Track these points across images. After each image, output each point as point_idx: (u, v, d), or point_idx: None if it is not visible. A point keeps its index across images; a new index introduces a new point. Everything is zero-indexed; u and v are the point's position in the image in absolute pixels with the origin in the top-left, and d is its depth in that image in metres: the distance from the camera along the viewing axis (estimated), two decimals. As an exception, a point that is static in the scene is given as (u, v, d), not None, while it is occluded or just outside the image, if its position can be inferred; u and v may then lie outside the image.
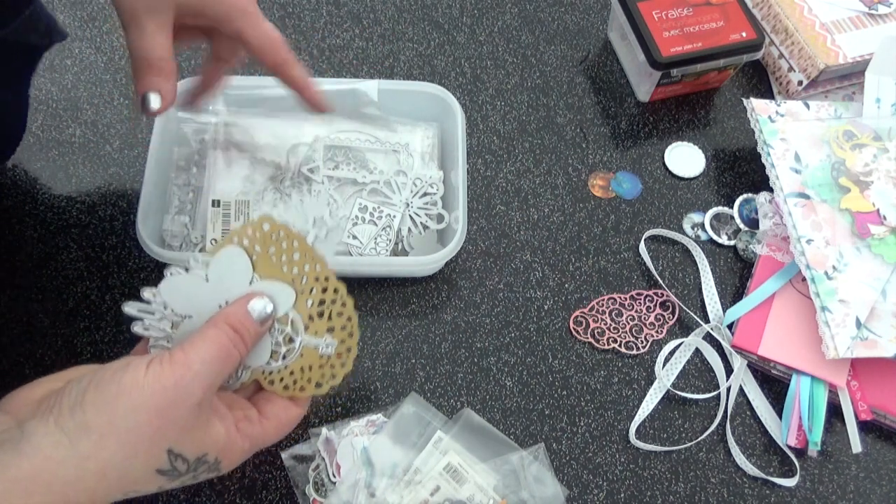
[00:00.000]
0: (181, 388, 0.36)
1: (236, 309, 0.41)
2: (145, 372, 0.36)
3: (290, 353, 0.44)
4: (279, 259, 0.44)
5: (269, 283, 0.44)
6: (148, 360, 0.37)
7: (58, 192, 0.67)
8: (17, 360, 0.60)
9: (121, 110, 0.71)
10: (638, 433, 0.60)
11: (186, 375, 0.36)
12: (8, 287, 0.62)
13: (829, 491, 0.59)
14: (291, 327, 0.44)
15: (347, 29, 0.78)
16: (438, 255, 0.59)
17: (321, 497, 0.55)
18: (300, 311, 0.45)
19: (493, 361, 0.63)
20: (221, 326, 0.40)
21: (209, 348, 0.38)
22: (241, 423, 0.41)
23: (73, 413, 0.34)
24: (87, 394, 0.35)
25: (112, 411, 0.34)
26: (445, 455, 0.56)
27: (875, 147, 0.66)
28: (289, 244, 0.44)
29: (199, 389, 0.37)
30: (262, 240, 0.44)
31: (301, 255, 0.44)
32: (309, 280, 0.45)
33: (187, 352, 0.37)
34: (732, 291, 0.67)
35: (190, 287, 0.43)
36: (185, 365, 0.37)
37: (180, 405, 0.36)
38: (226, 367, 0.39)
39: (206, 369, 0.37)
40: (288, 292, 0.44)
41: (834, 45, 0.72)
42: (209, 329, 0.39)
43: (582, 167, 0.72)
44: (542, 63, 0.78)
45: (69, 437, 0.34)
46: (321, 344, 0.45)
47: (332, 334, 0.45)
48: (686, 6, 0.71)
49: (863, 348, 0.58)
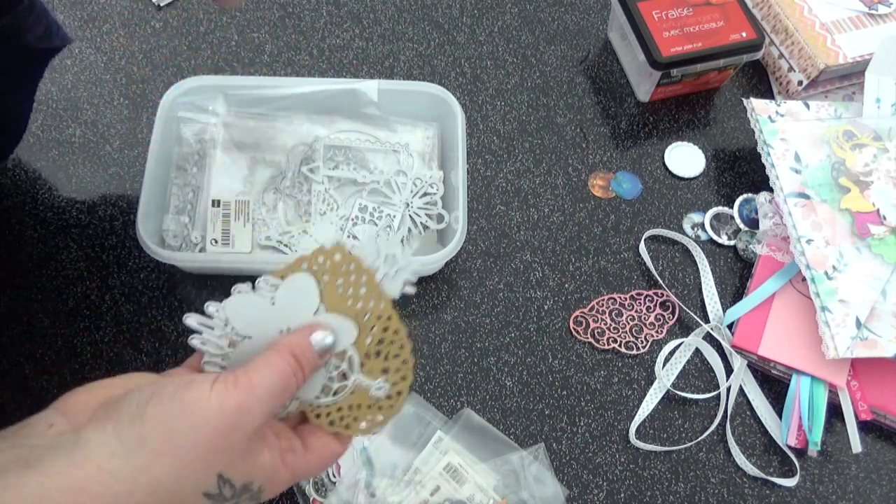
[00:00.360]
0: (244, 412, 0.35)
1: (299, 338, 0.41)
2: (210, 392, 0.35)
3: (342, 391, 0.43)
4: (345, 291, 0.43)
5: (333, 316, 0.43)
6: (212, 379, 0.36)
7: (58, 192, 0.67)
8: (17, 360, 0.60)
9: (121, 110, 0.71)
10: (638, 433, 0.60)
11: (250, 401, 0.36)
12: (8, 287, 0.62)
13: (829, 491, 0.59)
14: (347, 364, 0.43)
15: (347, 29, 0.78)
16: (438, 255, 0.59)
17: (321, 497, 0.55)
18: (359, 348, 0.44)
19: (493, 361, 0.63)
20: (284, 354, 0.39)
21: (272, 375, 0.37)
22: (287, 454, 0.40)
23: (133, 424, 0.34)
24: (148, 406, 0.34)
25: (172, 427, 0.34)
26: (445, 455, 0.56)
27: (875, 147, 0.66)
28: (357, 277, 0.43)
29: (259, 416, 0.36)
30: (332, 269, 0.44)
31: (368, 290, 0.44)
32: (372, 317, 0.44)
33: (251, 376, 0.37)
34: (732, 291, 0.67)
35: (255, 308, 0.43)
36: (250, 390, 0.36)
37: (240, 430, 0.35)
38: (284, 395, 0.38)
39: (267, 395, 0.37)
40: (350, 328, 0.43)
41: (834, 45, 0.72)
42: (273, 356, 0.39)
43: (582, 167, 0.72)
44: (542, 63, 0.78)
45: (125, 447, 0.33)
46: (374, 386, 0.44)
47: (386, 376, 0.44)
48: (686, 6, 0.71)
49: (863, 348, 0.58)
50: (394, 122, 0.68)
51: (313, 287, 0.43)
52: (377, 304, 0.44)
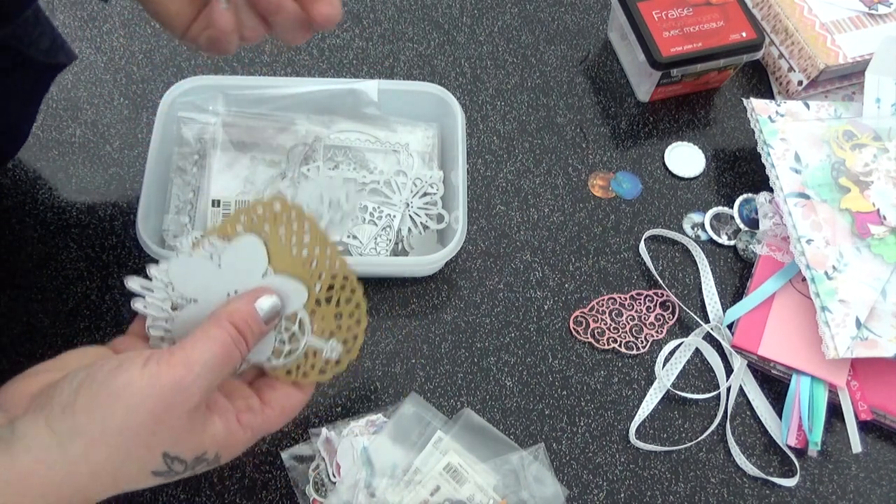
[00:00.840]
0: (179, 390, 0.35)
1: (242, 306, 0.40)
2: (141, 372, 0.34)
3: (293, 353, 0.43)
4: (289, 240, 0.42)
5: (282, 278, 0.42)
6: (145, 357, 0.35)
7: (58, 192, 0.67)
8: (16, 360, 0.60)
9: (121, 110, 0.71)
10: (638, 433, 0.60)
11: (187, 378, 0.35)
12: (8, 287, 0.62)
13: (829, 491, 0.59)
14: (298, 327, 0.43)
15: (347, 29, 0.78)
16: (438, 255, 0.59)
17: (321, 497, 0.55)
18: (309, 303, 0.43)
19: (493, 361, 0.63)
20: (225, 325, 0.38)
21: (211, 348, 0.36)
22: (243, 414, 0.40)
23: (65, 415, 0.33)
24: (79, 395, 0.34)
25: (104, 415, 0.33)
26: (445, 455, 0.56)
27: (875, 147, 0.66)
28: (299, 226, 0.42)
29: (197, 392, 0.35)
30: (273, 219, 0.42)
31: (312, 238, 0.43)
32: (319, 264, 0.43)
33: (188, 351, 0.36)
34: (732, 291, 0.67)
35: (200, 270, 0.41)
36: (186, 366, 0.35)
37: (177, 408, 0.35)
38: (226, 367, 0.38)
39: (206, 371, 0.36)
40: (300, 291, 0.42)
41: (834, 45, 0.72)
42: (212, 327, 0.38)
43: (582, 167, 0.72)
44: (542, 63, 0.78)
45: (59, 439, 0.33)
46: (326, 347, 0.43)
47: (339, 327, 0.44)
48: (686, 6, 0.71)
49: (863, 348, 0.58)
50: (394, 122, 0.68)
51: (261, 249, 0.42)
52: (323, 250, 0.42)
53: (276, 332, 0.42)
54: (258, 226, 0.42)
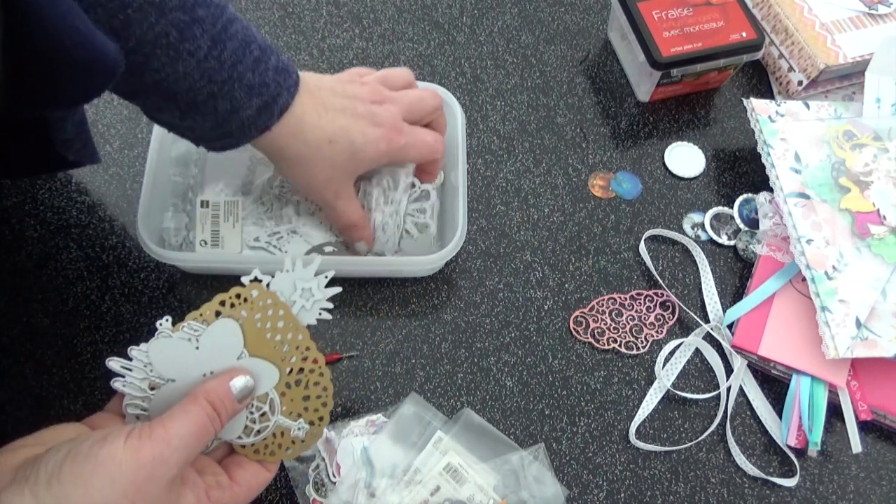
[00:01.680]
0: (158, 464, 0.37)
1: (218, 385, 0.42)
2: (123, 447, 0.36)
3: (264, 431, 0.45)
4: (264, 325, 0.46)
5: (255, 361, 0.45)
6: (126, 432, 0.37)
7: (58, 192, 0.67)
8: (16, 360, 0.60)
9: (121, 110, 0.71)
10: (638, 433, 0.60)
11: (165, 452, 0.37)
12: (8, 287, 0.62)
13: (829, 491, 0.59)
14: (269, 406, 0.45)
15: (347, 29, 0.78)
16: (438, 255, 0.59)
17: (321, 497, 0.55)
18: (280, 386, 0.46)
19: (493, 361, 0.63)
20: (202, 402, 0.41)
21: (188, 425, 0.39)
22: (212, 490, 0.42)
23: (50, 485, 0.35)
24: (63, 466, 0.35)
25: (87, 485, 0.35)
26: (445, 455, 0.56)
27: (875, 147, 0.66)
28: (274, 312, 0.46)
29: (175, 466, 0.38)
30: (250, 305, 0.46)
31: (285, 323, 0.46)
32: (290, 349, 0.46)
33: (167, 427, 0.38)
34: (732, 291, 0.67)
35: (179, 351, 0.44)
36: (165, 440, 0.38)
37: (156, 481, 0.37)
38: (201, 442, 0.40)
39: (183, 445, 0.38)
40: (272, 372, 0.45)
41: (834, 45, 0.72)
42: (190, 404, 0.40)
43: (582, 167, 0.72)
44: (542, 63, 0.78)
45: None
46: (294, 427, 0.46)
47: (304, 415, 0.47)
48: (686, 6, 0.71)
49: (863, 348, 0.58)
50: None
51: (237, 333, 0.45)
52: (294, 335, 0.46)
53: (247, 412, 0.45)
54: (236, 311, 0.46)
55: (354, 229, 0.59)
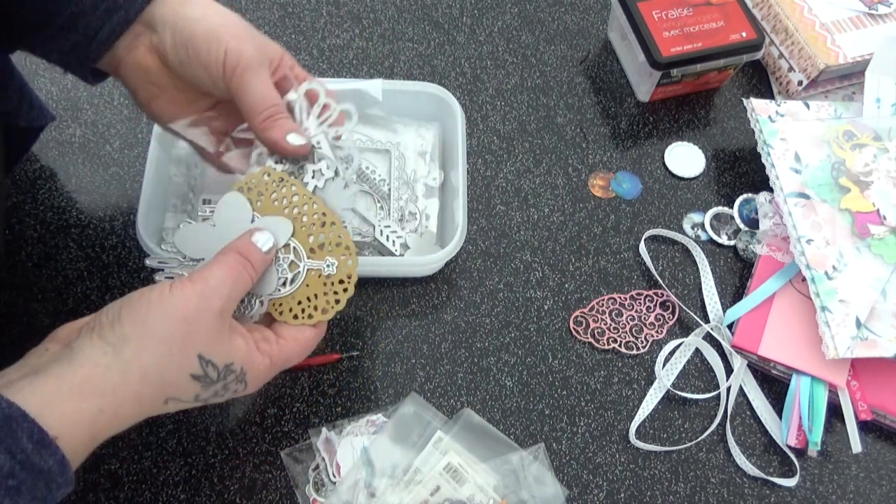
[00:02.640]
0: (203, 298, 0.41)
1: (240, 241, 0.46)
2: (170, 288, 0.41)
3: (297, 278, 0.48)
4: (280, 202, 0.49)
5: (267, 218, 0.48)
6: (170, 281, 0.42)
7: (58, 192, 0.67)
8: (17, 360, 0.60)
9: (121, 110, 0.71)
10: (638, 433, 0.60)
11: (206, 289, 0.41)
12: (8, 287, 0.62)
13: (829, 491, 0.59)
14: (294, 254, 0.48)
15: (347, 29, 0.78)
16: (438, 255, 0.59)
17: (321, 497, 0.55)
18: (301, 241, 0.49)
19: (493, 361, 0.63)
20: (230, 253, 0.44)
21: (222, 268, 0.43)
22: (261, 343, 0.45)
23: (113, 327, 0.39)
24: (122, 311, 0.40)
25: (145, 321, 0.40)
26: (445, 455, 0.56)
27: (875, 147, 0.66)
28: (288, 189, 0.49)
29: (217, 300, 0.42)
30: (265, 186, 0.49)
31: (300, 196, 0.49)
32: (309, 217, 0.49)
33: (204, 273, 0.42)
34: (732, 291, 0.67)
35: (199, 233, 0.48)
36: (204, 280, 0.42)
37: (204, 313, 0.41)
38: (239, 285, 0.43)
39: (221, 283, 0.42)
40: (285, 224, 0.48)
41: (834, 45, 0.72)
42: (220, 257, 0.44)
43: (582, 167, 0.72)
44: (542, 63, 0.78)
45: (112, 346, 0.39)
46: (323, 265, 0.48)
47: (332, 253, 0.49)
48: (686, 6, 0.71)
49: (863, 348, 0.58)
50: (395, 122, 0.68)
51: (244, 202, 0.49)
52: (310, 205, 0.49)
53: (276, 265, 0.48)
54: (253, 194, 0.49)
55: (280, 115, 0.49)
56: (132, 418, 0.40)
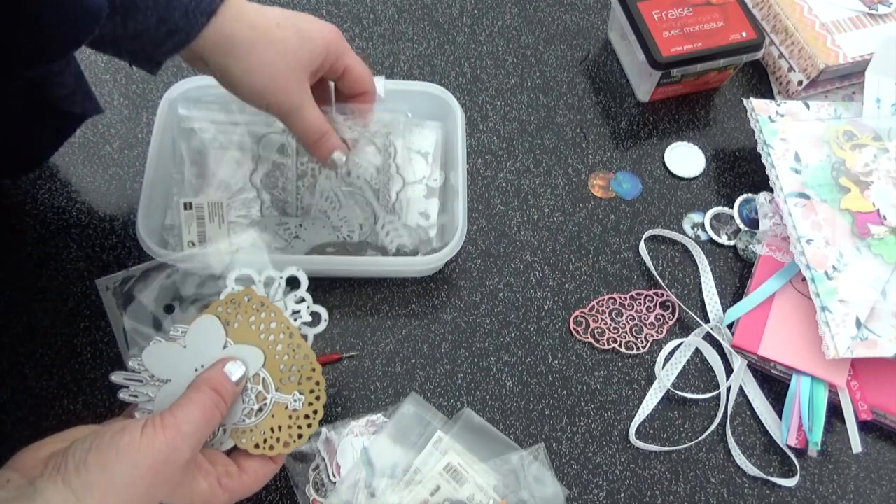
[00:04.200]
0: (172, 449, 0.41)
1: (214, 372, 0.47)
2: (140, 435, 0.41)
3: (264, 409, 0.49)
4: (258, 327, 0.50)
5: (239, 347, 0.49)
6: (142, 423, 0.42)
7: (58, 192, 0.67)
8: (16, 360, 0.60)
9: (121, 110, 0.71)
10: (638, 433, 0.60)
11: (177, 438, 0.41)
12: (8, 287, 0.62)
13: (829, 491, 0.59)
14: (263, 385, 0.49)
15: (347, 29, 0.78)
16: (438, 255, 0.59)
17: (321, 497, 0.55)
18: (272, 374, 0.49)
19: (493, 361, 0.63)
20: (204, 390, 0.45)
21: (195, 411, 0.43)
22: (223, 478, 0.46)
23: (79, 472, 0.39)
24: (89, 455, 0.40)
25: (112, 470, 0.39)
26: (445, 455, 0.56)
27: (875, 147, 0.66)
28: (267, 314, 0.50)
29: (187, 450, 0.42)
30: (245, 309, 0.50)
31: (277, 324, 0.50)
32: (283, 347, 0.50)
33: (176, 415, 0.42)
34: (732, 291, 0.67)
35: (169, 354, 0.48)
36: (175, 427, 0.42)
37: (171, 464, 0.41)
38: (210, 426, 0.44)
39: (192, 430, 0.42)
40: (256, 353, 0.49)
41: (834, 45, 0.72)
42: (193, 393, 0.45)
43: (582, 167, 0.72)
44: (542, 63, 0.78)
45: (76, 494, 0.38)
46: (290, 399, 0.49)
47: (300, 385, 0.50)
48: (686, 6, 0.71)
49: (863, 348, 0.58)
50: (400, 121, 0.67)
51: (217, 325, 0.49)
52: (287, 334, 0.50)
53: (244, 395, 0.49)
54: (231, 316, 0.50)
55: (325, 138, 0.56)
56: None
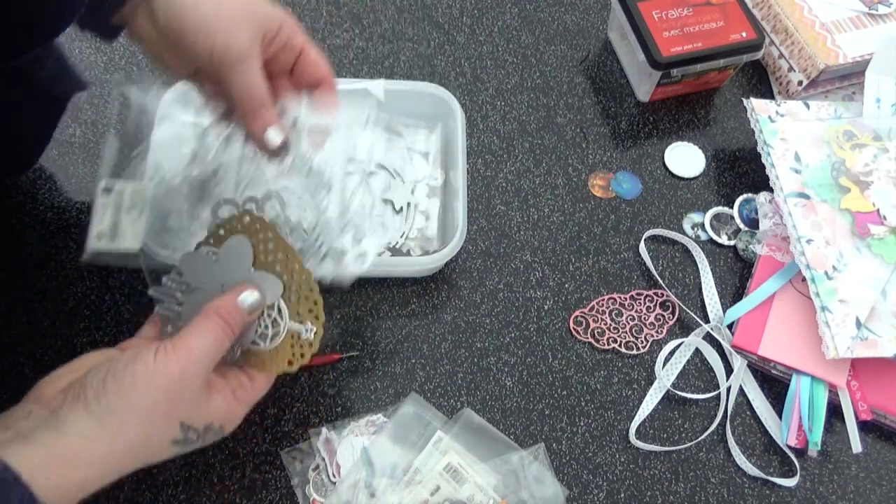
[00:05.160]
0: (186, 374, 0.42)
1: (227, 302, 0.47)
2: (154, 361, 0.42)
3: (277, 336, 0.50)
4: (257, 247, 0.50)
5: (262, 273, 0.50)
6: (154, 350, 0.42)
7: (58, 192, 0.66)
8: (16, 360, 0.60)
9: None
10: (638, 433, 0.60)
11: (189, 364, 0.43)
12: (8, 287, 0.62)
13: (829, 491, 0.59)
14: (278, 313, 0.50)
15: (347, 29, 0.78)
16: (438, 256, 0.59)
17: (321, 497, 0.55)
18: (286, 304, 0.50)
19: (493, 361, 0.63)
20: (214, 318, 0.45)
21: (206, 337, 0.44)
22: (237, 391, 0.47)
23: (98, 399, 0.40)
24: (106, 383, 0.41)
25: (130, 396, 0.41)
26: (445, 455, 0.56)
27: (875, 147, 0.66)
28: (265, 235, 0.50)
29: (200, 374, 0.43)
30: (246, 228, 0.51)
31: (274, 244, 0.50)
32: (281, 266, 0.50)
33: (188, 341, 0.43)
34: (732, 291, 0.67)
35: (203, 264, 0.50)
36: (187, 354, 0.43)
37: (186, 388, 0.42)
38: (220, 352, 0.45)
39: (202, 354, 0.44)
40: (277, 284, 0.50)
41: (834, 45, 0.72)
42: (204, 321, 0.45)
43: (582, 167, 0.72)
44: (542, 63, 0.78)
45: (98, 419, 0.40)
46: (303, 329, 0.50)
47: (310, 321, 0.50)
48: (686, 6, 0.71)
49: (863, 348, 0.58)
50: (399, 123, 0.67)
51: (248, 248, 0.50)
52: (284, 254, 0.50)
53: (259, 321, 0.50)
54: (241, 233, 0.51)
55: (265, 108, 0.49)
56: (114, 479, 0.42)
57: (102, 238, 0.56)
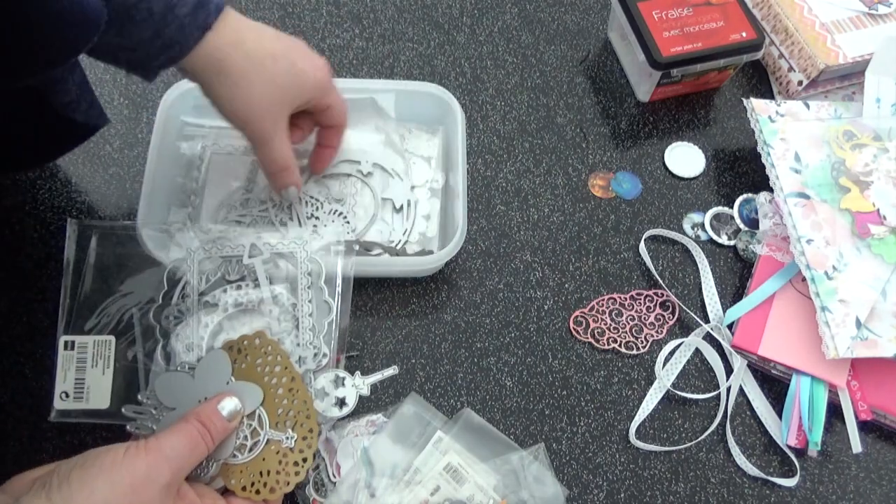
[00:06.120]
0: (152, 470, 0.42)
1: (206, 406, 0.48)
2: (123, 455, 0.42)
3: (256, 447, 0.50)
4: (263, 369, 0.51)
5: (241, 383, 0.51)
6: (126, 445, 0.43)
7: (58, 192, 0.66)
8: (17, 360, 0.60)
9: (121, 110, 0.71)
10: (638, 433, 0.60)
11: (158, 459, 0.43)
12: (8, 287, 0.62)
13: (829, 491, 0.59)
14: (258, 422, 0.50)
15: (347, 29, 0.78)
16: (438, 255, 0.59)
17: (321, 497, 0.55)
18: (269, 413, 0.51)
19: (493, 361, 0.63)
20: (191, 421, 0.46)
21: (179, 438, 0.45)
22: None
23: (60, 488, 0.41)
24: (72, 473, 0.41)
25: (92, 486, 0.41)
26: (445, 455, 0.56)
27: (875, 147, 0.66)
28: (273, 357, 0.52)
29: (167, 472, 0.43)
30: (254, 350, 0.52)
31: (281, 368, 0.51)
32: (284, 391, 0.51)
33: (160, 440, 0.44)
34: (732, 291, 0.67)
35: (178, 383, 0.50)
36: (158, 450, 0.43)
37: (151, 485, 0.42)
38: (194, 455, 0.45)
39: (175, 454, 0.44)
40: (256, 392, 0.51)
41: (834, 45, 0.72)
42: (181, 423, 0.46)
43: (582, 167, 0.72)
44: (542, 63, 0.78)
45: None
46: (283, 437, 0.50)
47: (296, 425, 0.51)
48: (686, 6, 0.71)
49: (863, 348, 0.58)
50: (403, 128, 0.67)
51: (225, 361, 0.51)
52: (289, 378, 0.51)
53: (239, 431, 0.50)
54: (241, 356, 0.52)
55: (286, 172, 0.58)
56: None
57: (68, 398, 0.52)
